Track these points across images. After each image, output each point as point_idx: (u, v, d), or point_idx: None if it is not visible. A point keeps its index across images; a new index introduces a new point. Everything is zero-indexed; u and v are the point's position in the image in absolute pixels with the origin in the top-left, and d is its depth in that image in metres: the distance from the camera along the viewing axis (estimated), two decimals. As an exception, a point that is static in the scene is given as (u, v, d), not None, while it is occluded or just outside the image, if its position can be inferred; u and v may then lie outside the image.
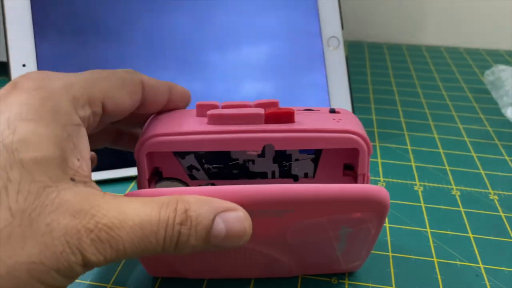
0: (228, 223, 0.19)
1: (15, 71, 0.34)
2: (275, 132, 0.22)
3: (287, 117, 0.23)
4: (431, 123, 0.46)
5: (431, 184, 0.37)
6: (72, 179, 0.18)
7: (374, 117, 0.47)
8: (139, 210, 0.18)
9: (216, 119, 0.23)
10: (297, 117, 0.23)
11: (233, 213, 0.19)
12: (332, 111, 0.24)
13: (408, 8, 0.70)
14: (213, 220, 0.19)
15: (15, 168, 0.16)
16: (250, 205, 0.20)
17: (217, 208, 0.19)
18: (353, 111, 0.39)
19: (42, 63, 0.34)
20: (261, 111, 0.23)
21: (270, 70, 0.39)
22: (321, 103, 0.40)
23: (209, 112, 0.23)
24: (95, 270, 0.28)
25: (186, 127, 0.23)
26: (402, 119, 0.47)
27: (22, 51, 0.34)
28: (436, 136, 0.44)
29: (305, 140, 0.23)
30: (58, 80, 0.19)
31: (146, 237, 0.18)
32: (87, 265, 0.17)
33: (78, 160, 0.18)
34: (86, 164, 0.19)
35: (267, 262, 0.26)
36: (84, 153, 0.19)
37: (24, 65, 0.34)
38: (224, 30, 0.39)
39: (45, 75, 0.20)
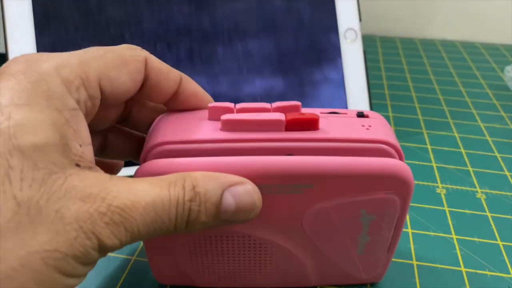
0: (237, 197, 0.19)
1: (14, 63, 0.32)
2: (297, 142, 0.20)
3: (310, 124, 0.20)
4: (450, 121, 0.44)
5: (454, 187, 0.35)
6: (77, 165, 0.17)
7: (390, 114, 0.45)
8: (149, 190, 0.17)
9: (231, 125, 0.20)
10: (321, 123, 0.21)
11: (241, 186, 0.19)
12: (360, 115, 0.22)
13: (421, 0, 0.68)
14: (222, 195, 0.18)
15: (15, 155, 0.15)
16: (267, 178, 0.20)
17: (224, 183, 0.19)
18: (371, 108, 0.37)
19: (43, 54, 0.32)
20: (281, 117, 0.20)
21: (280, 64, 0.37)
22: (336, 100, 0.37)
23: (223, 117, 0.20)
24: (99, 276, 0.26)
25: (198, 133, 0.21)
26: (420, 117, 0.45)
27: (21, 43, 0.32)
28: (456, 135, 0.42)
29: (331, 151, 0.21)
30: (48, 61, 0.18)
31: (159, 217, 0.17)
32: (102, 249, 0.16)
33: (80, 146, 0.18)
34: (88, 150, 0.18)
35: (282, 264, 0.24)
36: (85, 138, 0.18)
37: (23, 57, 0.32)
38: (230, 21, 0.37)
39: (35, 56, 0.18)
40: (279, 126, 0.20)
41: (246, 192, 0.19)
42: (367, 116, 0.22)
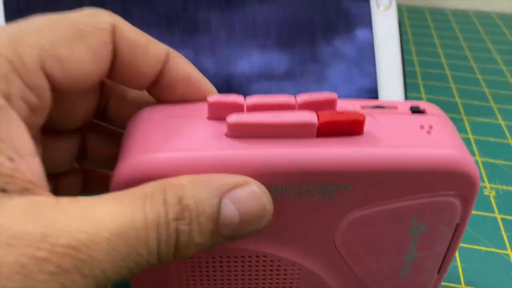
0: (240, 203, 0.14)
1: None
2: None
3: (353, 127, 0.15)
4: (493, 105, 0.38)
5: (504, 187, 0.29)
6: (3, 190, 0.12)
7: (423, 95, 0.39)
8: (116, 212, 0.12)
9: (242, 131, 0.15)
10: (367, 124, 0.15)
11: (244, 189, 0.14)
12: (415, 109, 0.17)
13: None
14: (219, 204, 0.14)
15: None
16: (291, 177, 0.15)
17: (221, 187, 0.14)
18: (406, 91, 0.31)
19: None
20: (312, 118, 0.15)
21: (288, 36, 0.31)
22: (364, 81, 0.31)
23: (230, 119, 0.15)
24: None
25: (194, 141, 0.15)
26: (457, 100, 0.39)
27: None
28: (502, 122, 0.36)
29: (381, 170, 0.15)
30: None
31: (133, 249, 0.12)
32: None
33: (11, 160, 0.12)
34: (28, 164, 0.13)
35: None
36: (20, 148, 0.13)
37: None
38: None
39: None
40: (309, 130, 0.15)
41: (251, 195, 0.14)
42: (423, 112, 0.17)
